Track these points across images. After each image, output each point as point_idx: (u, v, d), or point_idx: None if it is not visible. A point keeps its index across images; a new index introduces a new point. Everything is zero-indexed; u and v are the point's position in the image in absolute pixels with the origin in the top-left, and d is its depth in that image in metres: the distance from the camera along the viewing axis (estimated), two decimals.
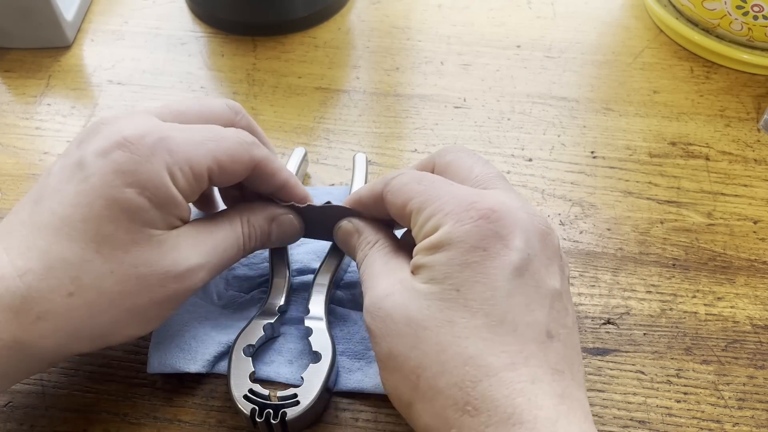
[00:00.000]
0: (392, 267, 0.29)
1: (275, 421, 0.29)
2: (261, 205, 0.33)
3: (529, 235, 0.26)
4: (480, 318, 0.25)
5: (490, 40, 0.52)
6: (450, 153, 0.31)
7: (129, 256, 0.27)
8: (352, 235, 0.32)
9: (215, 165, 0.29)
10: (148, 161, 0.27)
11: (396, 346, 0.26)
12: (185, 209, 0.29)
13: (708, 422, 0.32)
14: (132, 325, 0.29)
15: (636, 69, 0.50)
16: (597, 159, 0.44)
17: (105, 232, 0.27)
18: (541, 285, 0.26)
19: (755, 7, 0.45)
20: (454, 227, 0.26)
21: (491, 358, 0.24)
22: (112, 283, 0.27)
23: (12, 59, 0.50)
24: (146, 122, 0.28)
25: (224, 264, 0.31)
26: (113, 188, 0.27)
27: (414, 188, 0.29)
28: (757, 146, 0.44)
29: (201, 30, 0.53)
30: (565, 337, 0.26)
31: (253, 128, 0.33)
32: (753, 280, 0.38)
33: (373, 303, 0.28)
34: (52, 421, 0.32)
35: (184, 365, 0.32)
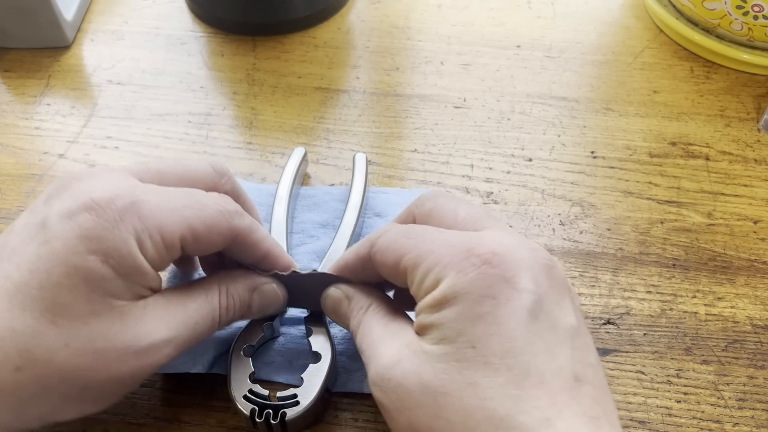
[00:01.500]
0: (393, 330, 0.27)
1: (275, 422, 0.29)
2: (242, 274, 0.31)
3: (535, 273, 0.25)
4: (503, 374, 0.23)
5: (490, 40, 0.52)
6: (428, 201, 0.30)
7: (86, 329, 0.25)
8: (341, 302, 0.30)
9: (189, 234, 0.27)
10: (115, 227, 0.25)
11: (416, 418, 0.24)
12: (154, 279, 0.27)
13: (708, 422, 0.32)
14: (84, 403, 0.27)
15: (636, 69, 0.50)
16: (597, 159, 0.44)
17: (62, 301, 0.25)
18: (557, 325, 0.24)
19: (755, 7, 0.45)
20: (457, 278, 0.24)
21: (523, 416, 0.22)
22: (66, 357, 0.25)
23: (12, 59, 0.50)
24: (119, 183, 0.27)
25: (195, 338, 0.28)
26: (75, 254, 0.25)
27: (404, 243, 0.27)
28: (757, 146, 0.44)
29: (201, 30, 0.53)
30: (593, 376, 0.24)
31: (237, 193, 0.32)
32: (753, 280, 0.38)
33: (381, 374, 0.25)
34: None
35: (184, 365, 0.32)
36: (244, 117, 0.46)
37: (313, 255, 0.37)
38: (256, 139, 0.45)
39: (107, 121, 0.46)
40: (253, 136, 0.45)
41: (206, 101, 0.47)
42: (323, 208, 0.40)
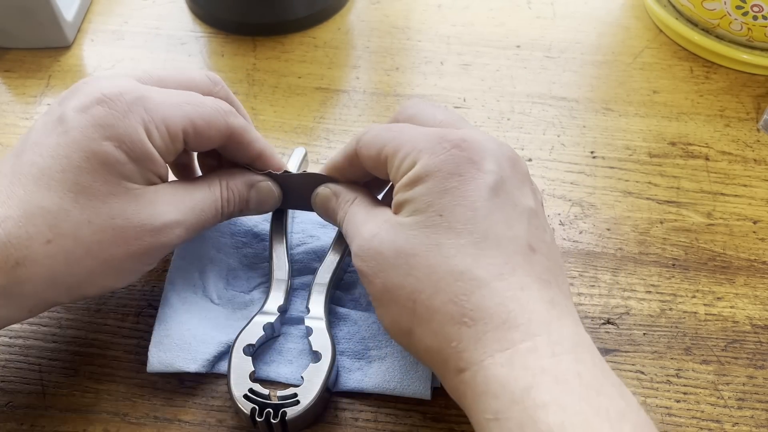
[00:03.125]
0: (374, 213, 0.30)
1: (275, 421, 0.29)
2: (240, 171, 0.34)
3: (499, 159, 0.28)
4: (465, 237, 0.26)
5: (490, 40, 0.52)
6: (411, 107, 0.32)
7: (106, 207, 0.28)
8: (330, 199, 0.33)
9: (191, 127, 0.30)
10: (125, 117, 0.28)
11: (389, 279, 0.27)
12: (162, 166, 0.30)
13: (708, 422, 0.32)
14: (108, 277, 0.29)
15: (636, 69, 0.50)
16: (597, 159, 0.44)
17: (83, 182, 0.27)
18: (517, 203, 0.28)
19: (755, 7, 0.45)
20: (429, 159, 0.28)
21: (480, 270, 0.26)
22: (89, 232, 0.28)
23: (12, 59, 0.50)
24: (126, 82, 0.29)
25: (201, 225, 0.31)
26: (92, 141, 0.28)
27: (385, 136, 0.30)
28: (756, 146, 0.44)
29: (201, 30, 0.53)
30: (547, 250, 0.28)
31: (231, 99, 0.34)
32: (753, 280, 0.38)
33: (361, 246, 0.29)
34: (52, 421, 0.32)
35: (184, 365, 0.32)
36: None
37: (313, 255, 0.37)
38: None
39: None
40: None
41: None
42: None
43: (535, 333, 0.25)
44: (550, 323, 0.25)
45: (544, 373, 0.24)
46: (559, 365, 0.24)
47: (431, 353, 0.27)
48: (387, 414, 0.32)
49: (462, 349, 0.25)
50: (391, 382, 0.32)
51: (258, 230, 0.38)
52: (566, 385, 0.23)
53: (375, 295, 0.28)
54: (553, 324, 0.25)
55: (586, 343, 0.26)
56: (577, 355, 0.25)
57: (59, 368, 0.34)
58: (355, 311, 0.35)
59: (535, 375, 0.24)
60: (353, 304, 0.36)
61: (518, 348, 0.24)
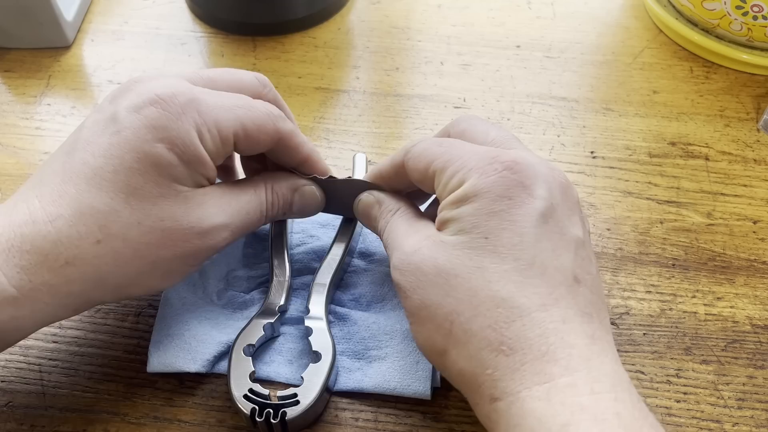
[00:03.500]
0: (417, 227, 0.30)
1: (275, 421, 0.29)
2: (285, 175, 0.34)
3: (551, 185, 0.27)
4: (509, 262, 0.26)
5: (490, 40, 0.52)
6: (463, 122, 0.32)
7: (156, 209, 0.28)
8: (372, 206, 0.33)
9: (242, 131, 0.30)
10: (178, 119, 0.28)
11: (428, 296, 0.27)
12: (212, 169, 0.30)
13: (708, 422, 0.32)
14: (154, 278, 0.29)
15: (636, 69, 0.50)
16: (597, 159, 0.44)
17: (134, 184, 0.28)
18: (565, 232, 0.27)
19: (755, 7, 0.45)
20: (479, 179, 0.27)
21: (523, 299, 0.25)
22: (139, 234, 0.28)
23: (12, 59, 0.50)
24: (178, 83, 0.29)
25: (247, 227, 0.31)
26: (144, 142, 0.27)
27: (435, 150, 0.29)
28: (756, 146, 0.44)
29: (201, 30, 0.53)
30: (591, 283, 0.27)
31: (279, 103, 0.34)
32: (752, 280, 0.38)
33: (402, 260, 0.28)
34: (52, 421, 0.32)
35: (184, 365, 0.32)
36: None
37: (312, 255, 0.37)
38: None
39: None
40: None
41: None
42: None
43: (575, 368, 0.24)
44: (591, 359, 0.24)
45: (583, 411, 0.23)
46: (599, 404, 0.23)
47: (465, 377, 0.26)
48: (387, 414, 0.32)
49: (498, 377, 0.25)
50: (391, 382, 0.32)
51: (258, 230, 0.38)
52: (605, 425, 0.23)
53: (411, 311, 0.28)
54: (593, 360, 0.24)
55: (625, 382, 0.25)
56: (617, 394, 0.24)
57: (59, 368, 0.34)
58: (355, 311, 0.35)
59: (573, 412, 0.23)
60: (353, 304, 0.36)
61: (557, 383, 0.24)
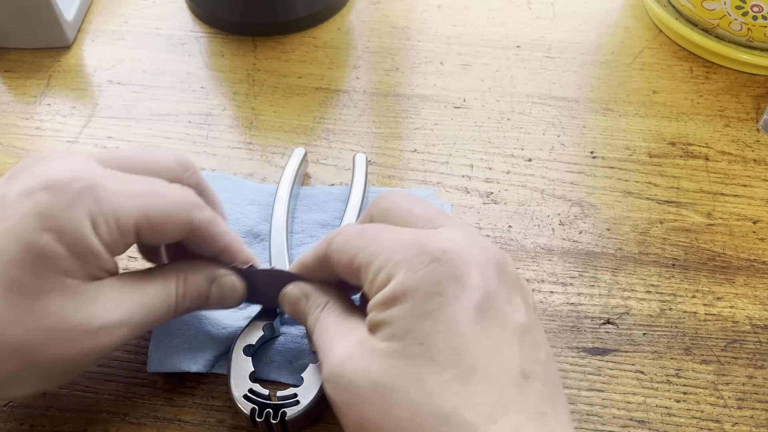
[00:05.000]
0: (347, 327, 0.27)
1: (275, 421, 0.29)
2: (202, 264, 0.31)
3: (485, 270, 0.25)
4: (449, 370, 0.23)
5: (490, 40, 0.52)
6: (385, 199, 0.30)
7: (38, 305, 0.25)
8: (299, 300, 0.30)
9: (145, 222, 0.27)
10: (70, 207, 0.25)
11: (365, 416, 0.24)
12: (108, 261, 0.27)
13: (707, 422, 0.32)
14: (34, 381, 0.27)
15: (635, 69, 0.50)
16: (596, 159, 0.44)
17: (15, 277, 0.25)
18: (506, 322, 0.25)
19: (755, 7, 0.45)
20: (406, 276, 0.25)
21: (469, 413, 0.23)
22: (17, 332, 0.25)
23: (12, 59, 0.50)
24: (81, 166, 0.27)
25: (150, 323, 0.29)
26: (30, 231, 0.25)
27: (358, 242, 0.27)
28: (756, 146, 0.44)
29: (201, 30, 0.53)
30: (542, 373, 0.25)
31: (202, 187, 0.32)
32: (752, 280, 0.38)
33: (332, 371, 0.26)
34: (52, 420, 0.32)
35: (185, 364, 0.32)
36: (244, 117, 0.46)
37: None
38: (256, 139, 0.45)
39: (108, 121, 0.46)
40: (253, 136, 0.45)
41: (206, 101, 0.47)
42: (323, 208, 0.40)
43: None
44: None
45: None
46: None
47: None
48: None
49: None
50: None
51: (258, 230, 0.38)
52: None
53: (349, 430, 0.25)
54: None
55: None
56: None
57: None
58: None
59: None
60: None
61: None
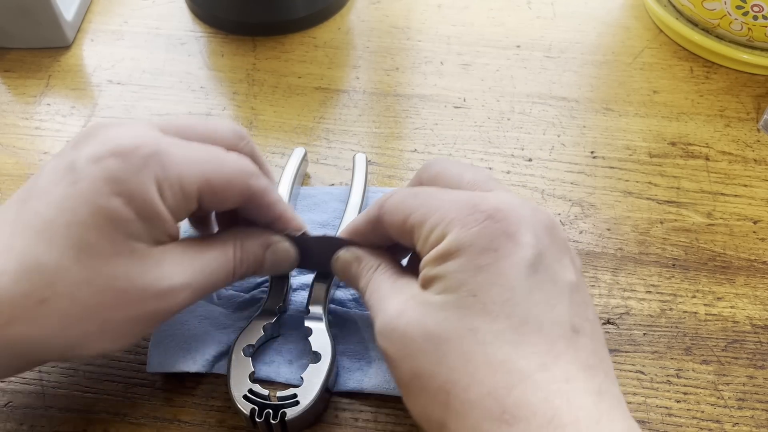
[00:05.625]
0: (400, 286, 0.28)
1: (275, 421, 0.29)
2: (256, 231, 0.31)
3: (536, 230, 0.26)
4: (503, 321, 0.24)
5: (490, 40, 0.52)
6: (434, 166, 0.30)
7: (108, 267, 0.26)
8: (351, 264, 0.31)
9: (207, 187, 0.28)
10: (139, 173, 0.26)
11: (419, 365, 0.25)
12: (172, 226, 0.28)
13: (708, 422, 0.32)
14: (104, 340, 0.27)
15: (636, 69, 0.50)
16: (597, 159, 0.44)
17: (87, 239, 0.25)
18: (557, 279, 0.25)
19: (755, 7, 0.45)
20: (461, 233, 0.25)
21: (521, 361, 0.23)
22: (88, 293, 0.26)
23: (12, 59, 0.50)
24: (145, 133, 0.27)
25: (211, 287, 0.29)
26: (101, 195, 0.26)
27: (411, 203, 0.28)
28: (756, 146, 0.44)
29: (201, 30, 0.53)
30: (590, 330, 0.25)
31: (256, 157, 0.32)
32: (753, 280, 0.38)
33: (386, 324, 0.26)
34: (52, 421, 0.32)
35: (184, 365, 0.32)
36: (244, 117, 0.46)
37: None
38: (256, 139, 0.45)
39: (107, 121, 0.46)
40: (253, 136, 0.45)
41: (206, 101, 0.47)
42: (323, 208, 0.40)
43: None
44: (600, 420, 0.23)
45: None
46: None
47: None
48: (387, 414, 0.32)
49: None
50: (391, 382, 0.32)
51: None
52: None
53: (402, 382, 0.26)
54: (603, 420, 0.23)
55: None
56: None
57: (59, 368, 0.34)
58: (355, 311, 0.35)
59: None
60: (353, 304, 0.36)
61: None
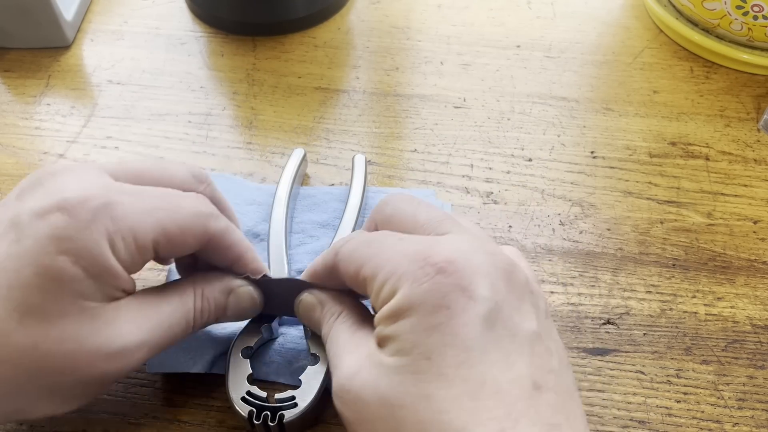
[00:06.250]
0: (358, 340, 0.27)
1: (273, 423, 0.29)
2: (217, 276, 0.30)
3: (492, 279, 0.24)
4: (458, 385, 0.23)
5: (490, 40, 0.52)
6: (387, 206, 0.29)
7: (56, 330, 0.25)
8: (315, 308, 0.30)
9: (163, 237, 0.27)
10: (87, 228, 0.25)
11: (375, 430, 0.24)
12: (126, 281, 0.27)
13: (708, 422, 0.32)
14: (51, 405, 0.26)
15: (636, 69, 0.50)
16: (597, 159, 0.44)
17: (31, 301, 0.24)
18: (516, 331, 0.24)
19: (755, 7, 0.45)
20: (411, 289, 0.24)
21: (478, 429, 0.22)
22: (33, 359, 0.24)
23: (12, 59, 0.50)
24: (93, 182, 0.26)
25: (169, 341, 0.28)
26: (46, 255, 0.24)
27: (364, 253, 0.27)
28: (757, 146, 0.44)
29: (201, 30, 0.53)
30: (554, 383, 0.24)
31: (216, 198, 0.31)
32: (753, 280, 0.38)
33: (341, 385, 0.25)
34: (52, 421, 0.32)
35: (184, 365, 0.32)
36: (244, 117, 0.46)
37: (312, 255, 0.37)
38: (256, 139, 0.45)
39: (107, 121, 0.46)
40: (253, 136, 0.45)
41: (206, 101, 0.47)
42: (323, 208, 0.40)
43: None
44: None
45: None
46: None
47: None
48: None
49: None
50: None
51: (257, 230, 0.38)
52: None
53: None
54: None
55: None
56: None
57: None
58: None
59: None
60: None
61: None
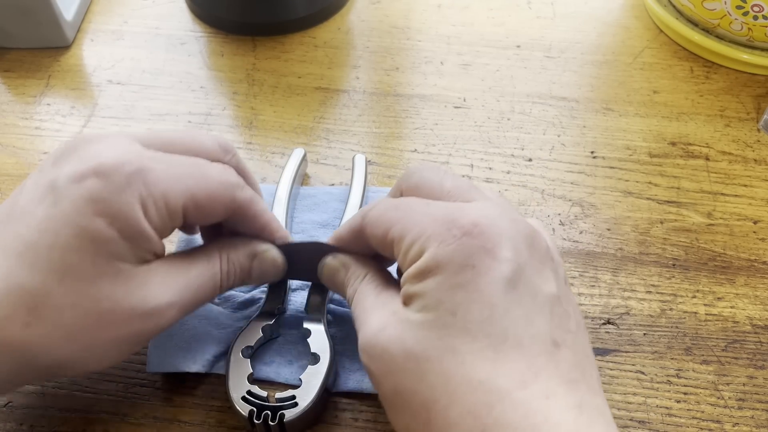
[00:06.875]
0: (383, 300, 0.28)
1: (273, 423, 0.29)
2: (242, 241, 0.31)
3: (515, 242, 0.25)
4: (482, 339, 0.24)
5: (490, 40, 0.52)
6: (415, 175, 0.30)
7: (93, 290, 0.26)
8: (338, 271, 0.31)
9: (192, 203, 0.28)
10: (122, 192, 0.26)
11: (400, 383, 0.25)
12: (157, 244, 0.28)
13: (708, 422, 0.32)
14: (89, 362, 0.27)
15: (636, 69, 0.50)
16: (597, 159, 0.44)
17: (70, 261, 0.25)
18: (537, 293, 0.25)
19: (755, 7, 0.45)
20: (438, 249, 0.25)
21: (501, 379, 0.23)
22: (72, 317, 0.25)
23: (12, 59, 0.50)
24: (127, 149, 0.27)
25: (198, 302, 0.29)
26: (83, 217, 0.25)
27: (392, 216, 0.28)
28: (757, 146, 0.44)
29: (201, 30, 0.53)
30: (572, 342, 0.25)
31: (241, 168, 0.32)
32: (753, 280, 0.38)
33: (368, 341, 0.26)
34: (52, 421, 0.32)
35: (184, 365, 0.32)
36: (244, 117, 0.46)
37: None
38: (256, 139, 0.45)
39: (107, 121, 0.46)
40: (253, 136, 0.45)
41: (206, 101, 0.47)
42: (323, 208, 0.40)
43: None
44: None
45: None
46: None
47: None
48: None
49: None
50: None
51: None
52: None
53: (385, 398, 0.26)
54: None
55: None
56: None
57: None
58: None
59: None
60: None
61: None
